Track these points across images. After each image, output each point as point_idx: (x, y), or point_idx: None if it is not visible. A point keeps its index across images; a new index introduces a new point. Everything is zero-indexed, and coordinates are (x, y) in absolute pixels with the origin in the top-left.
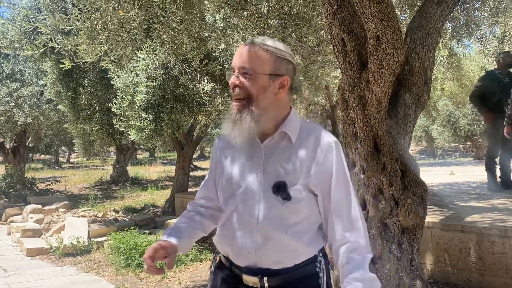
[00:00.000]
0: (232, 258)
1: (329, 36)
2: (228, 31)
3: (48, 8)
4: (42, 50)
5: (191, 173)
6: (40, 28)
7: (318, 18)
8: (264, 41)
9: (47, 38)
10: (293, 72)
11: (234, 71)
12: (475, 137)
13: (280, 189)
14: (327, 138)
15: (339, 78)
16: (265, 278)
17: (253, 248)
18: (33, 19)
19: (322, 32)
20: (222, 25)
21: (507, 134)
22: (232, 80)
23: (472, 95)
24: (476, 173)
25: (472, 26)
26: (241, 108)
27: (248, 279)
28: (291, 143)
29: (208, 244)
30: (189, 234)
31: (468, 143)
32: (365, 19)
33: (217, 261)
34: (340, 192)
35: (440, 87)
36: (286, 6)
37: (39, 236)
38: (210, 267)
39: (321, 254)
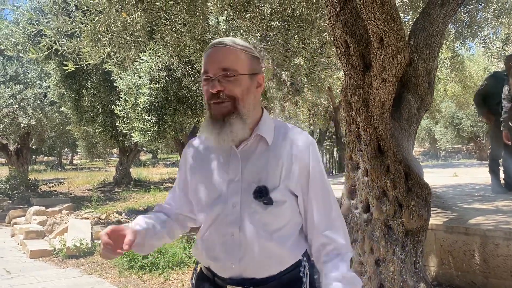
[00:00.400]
0: (215, 270)
1: (332, 38)
2: (231, 33)
3: (51, 10)
4: (46, 53)
5: None
6: (44, 31)
7: (321, 20)
8: (234, 41)
9: (50, 41)
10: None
11: (209, 77)
12: (478, 138)
13: (262, 194)
14: (303, 137)
15: (342, 80)
16: None
17: (236, 259)
18: (37, 21)
19: (325, 34)
20: (225, 27)
21: (506, 139)
22: (214, 86)
23: (476, 94)
24: (480, 175)
25: (475, 27)
26: (227, 112)
27: None
28: (267, 145)
29: None
30: (153, 228)
31: (471, 144)
32: (369, 21)
33: (197, 272)
34: (318, 192)
35: (443, 88)
36: (289, 8)
37: (42, 238)
38: (191, 279)
39: (305, 258)
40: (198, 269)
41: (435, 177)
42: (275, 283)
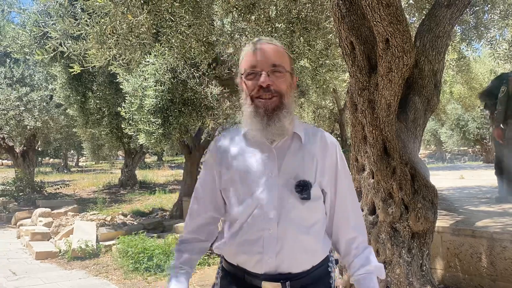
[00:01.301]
0: (248, 266)
1: (337, 40)
2: (236, 35)
3: (57, 13)
4: (52, 54)
5: (199, 177)
6: (50, 33)
7: (326, 22)
8: (273, 40)
9: (57, 43)
10: None
11: (256, 72)
12: (484, 140)
13: (304, 189)
14: (330, 137)
15: (347, 81)
16: (287, 283)
17: (273, 253)
18: (43, 24)
19: (330, 35)
20: (230, 29)
21: (497, 137)
22: (265, 80)
23: (480, 94)
24: (486, 177)
25: (481, 29)
26: (275, 106)
27: (268, 285)
28: (301, 143)
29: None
30: (186, 280)
31: (477, 146)
32: (374, 22)
33: (221, 271)
34: (346, 189)
35: (449, 90)
36: (294, 10)
37: (48, 240)
38: (216, 278)
39: (331, 254)
40: (222, 268)
41: (442, 179)
42: (307, 278)
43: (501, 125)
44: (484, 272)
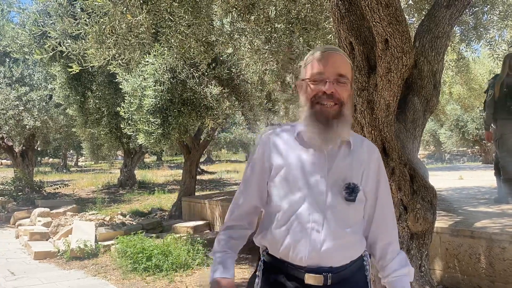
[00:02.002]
0: (292, 259)
1: (337, 40)
2: (236, 35)
3: (57, 12)
4: (51, 54)
5: (198, 177)
6: (49, 33)
7: (326, 22)
8: (340, 51)
9: (56, 42)
10: None
11: (323, 78)
12: (484, 141)
13: (353, 191)
14: (374, 147)
15: None
16: (329, 275)
17: (317, 249)
18: (43, 23)
19: (330, 36)
20: (229, 29)
21: (487, 140)
22: (330, 87)
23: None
24: (485, 178)
25: (481, 29)
26: (336, 114)
27: (311, 278)
28: (350, 149)
29: None
30: (232, 264)
31: (476, 147)
32: (374, 23)
33: (262, 264)
34: (386, 197)
35: (448, 91)
36: (294, 10)
37: (47, 240)
38: (256, 271)
39: (366, 253)
40: (263, 260)
41: (441, 180)
42: (346, 272)
43: (490, 128)
44: (482, 273)
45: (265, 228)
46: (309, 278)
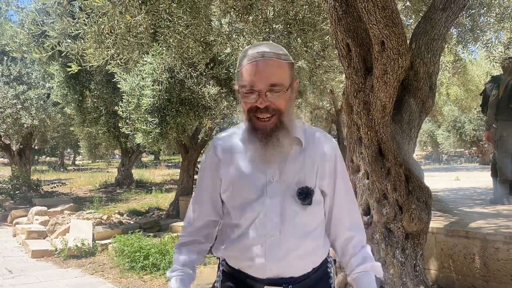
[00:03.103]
0: (250, 271)
1: (334, 41)
2: (234, 36)
3: (56, 12)
4: (50, 53)
5: (195, 176)
6: (48, 32)
7: (323, 23)
8: (275, 50)
9: (55, 42)
10: None
11: (254, 91)
12: (481, 142)
13: (306, 196)
14: (330, 139)
15: (344, 83)
16: (290, 287)
17: (276, 260)
18: (42, 22)
19: (327, 37)
20: (227, 29)
21: (486, 140)
22: (263, 101)
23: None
24: (482, 179)
25: (477, 31)
26: (274, 128)
27: None
28: (301, 147)
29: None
30: (185, 282)
31: (473, 148)
32: (370, 25)
33: (221, 274)
34: (344, 190)
35: (445, 92)
36: (292, 11)
37: (44, 238)
38: (216, 282)
39: (330, 255)
40: (222, 271)
41: (437, 180)
42: (309, 280)
43: (494, 125)
44: (477, 273)
45: (222, 240)
46: None
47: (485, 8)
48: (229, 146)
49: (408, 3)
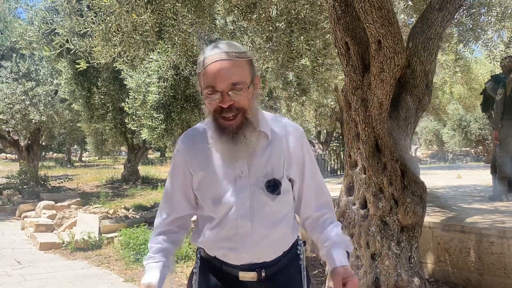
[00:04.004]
0: (226, 259)
1: (333, 40)
2: (238, 34)
3: (65, 10)
4: (59, 50)
5: None
6: (57, 30)
7: (325, 22)
8: (234, 50)
9: (64, 40)
10: None
11: (216, 92)
12: (486, 141)
13: (274, 188)
14: (296, 128)
15: None
16: (262, 271)
17: (248, 248)
18: (51, 20)
19: (328, 35)
20: (231, 27)
21: (495, 139)
22: (225, 101)
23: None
24: (483, 177)
25: (478, 30)
26: (240, 125)
27: (245, 275)
28: (268, 139)
29: None
30: (158, 269)
31: (480, 147)
32: (367, 24)
33: (199, 261)
34: (313, 174)
35: (449, 90)
36: (294, 10)
37: (52, 231)
38: (195, 268)
39: (299, 237)
40: (200, 258)
41: (439, 178)
42: (280, 263)
43: (499, 124)
44: (472, 266)
45: (199, 230)
46: (243, 275)
47: (486, 8)
48: (198, 142)
49: (409, 2)
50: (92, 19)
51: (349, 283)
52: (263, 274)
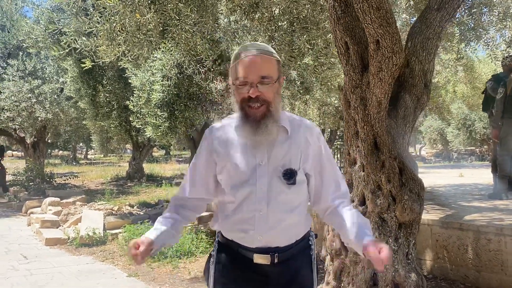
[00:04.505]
0: (242, 241)
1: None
2: (240, 33)
3: (71, 10)
4: (66, 50)
5: None
6: (64, 29)
7: (326, 22)
8: (267, 48)
9: (70, 39)
10: None
11: (247, 82)
12: (491, 141)
13: (291, 176)
14: (313, 125)
15: None
16: (275, 255)
17: (264, 231)
18: (58, 20)
19: (330, 35)
20: (234, 27)
21: (495, 138)
22: (254, 91)
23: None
24: (485, 176)
25: (480, 30)
26: (263, 115)
27: (259, 258)
28: (287, 134)
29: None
30: (160, 229)
31: (484, 146)
32: (366, 24)
33: (217, 244)
34: (331, 167)
35: (452, 89)
36: (295, 10)
37: (57, 227)
38: (213, 251)
39: (311, 230)
40: (218, 242)
41: (441, 177)
42: (292, 250)
43: (499, 122)
44: (470, 263)
45: (218, 216)
46: (258, 258)
47: (487, 8)
48: (224, 134)
49: (411, 2)
50: (97, 19)
51: (383, 249)
52: (276, 258)
